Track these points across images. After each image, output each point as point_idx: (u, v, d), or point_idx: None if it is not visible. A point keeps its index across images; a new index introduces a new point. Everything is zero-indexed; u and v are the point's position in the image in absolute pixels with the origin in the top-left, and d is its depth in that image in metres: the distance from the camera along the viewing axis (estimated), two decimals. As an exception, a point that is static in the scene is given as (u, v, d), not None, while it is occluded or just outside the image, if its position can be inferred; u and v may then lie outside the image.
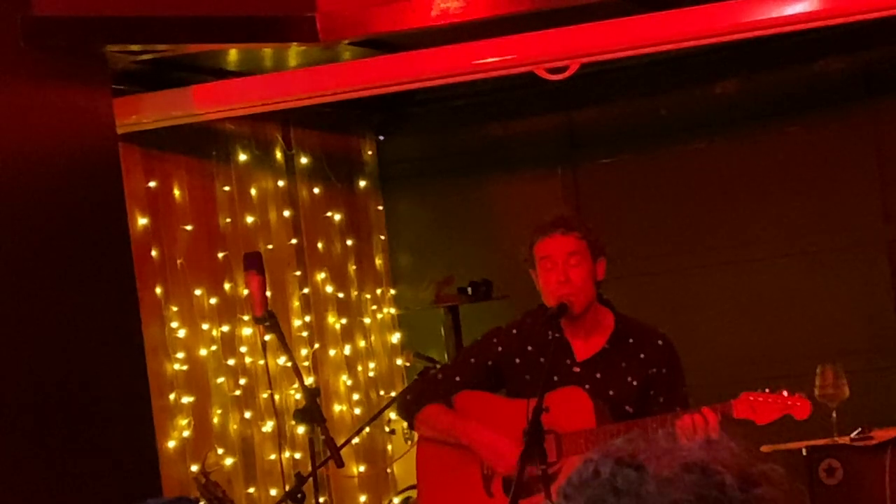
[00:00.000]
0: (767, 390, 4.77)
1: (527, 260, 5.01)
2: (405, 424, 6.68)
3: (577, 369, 5.00)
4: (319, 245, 7.37)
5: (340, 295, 7.43)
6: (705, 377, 6.42)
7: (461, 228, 7.79)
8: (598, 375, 4.98)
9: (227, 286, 6.68)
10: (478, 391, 5.14)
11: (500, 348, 5.12)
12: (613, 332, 5.02)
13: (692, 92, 7.40)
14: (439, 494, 5.20)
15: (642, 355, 4.99)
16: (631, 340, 5.02)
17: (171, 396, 6.29)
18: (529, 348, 5.05)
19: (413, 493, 6.43)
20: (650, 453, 1.48)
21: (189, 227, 6.55)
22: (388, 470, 7.47)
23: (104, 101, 5.47)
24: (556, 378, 4.92)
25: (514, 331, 5.13)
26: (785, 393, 4.77)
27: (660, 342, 5.03)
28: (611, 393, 4.96)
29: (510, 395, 5.11)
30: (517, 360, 5.07)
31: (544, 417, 4.66)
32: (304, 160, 7.34)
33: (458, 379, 5.15)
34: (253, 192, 7.00)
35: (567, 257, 4.90)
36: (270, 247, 6.97)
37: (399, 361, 7.73)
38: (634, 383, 4.97)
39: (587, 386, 4.95)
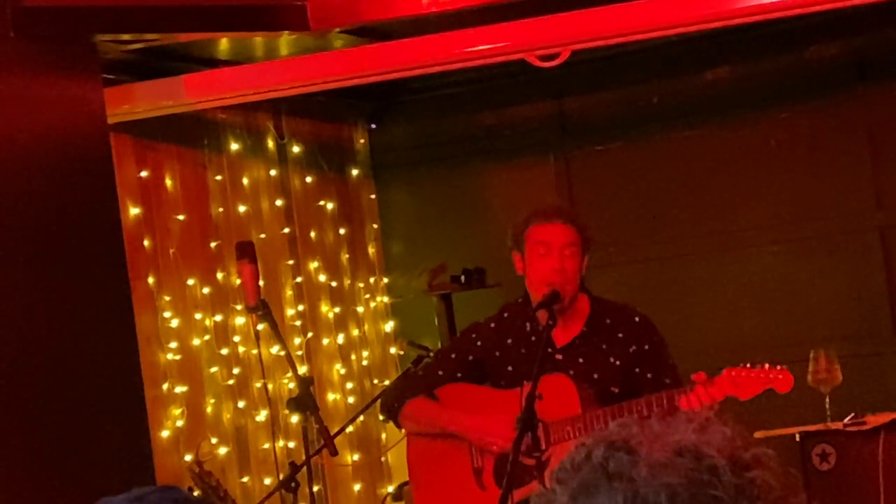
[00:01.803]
0: (749, 364, 4.77)
1: (515, 241, 4.99)
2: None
3: (558, 356, 5.00)
4: (312, 234, 7.36)
5: (333, 284, 7.43)
6: (697, 364, 6.41)
7: (454, 216, 7.79)
8: (581, 360, 4.98)
9: (219, 275, 6.68)
10: (463, 383, 5.13)
11: (479, 343, 5.12)
12: (590, 315, 5.02)
13: (684, 79, 7.39)
14: (432, 491, 5.20)
15: (621, 334, 4.99)
16: (608, 321, 5.02)
17: (165, 386, 6.29)
18: (509, 341, 5.05)
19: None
20: (643, 437, 1.48)
21: (181, 217, 6.55)
22: (382, 458, 7.47)
23: (95, 90, 5.46)
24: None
25: (493, 325, 5.13)
26: (766, 366, 4.77)
27: (637, 319, 5.04)
28: (595, 376, 4.95)
29: (494, 388, 5.11)
30: (497, 354, 5.07)
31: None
32: (296, 149, 7.33)
33: (440, 373, 5.15)
34: (245, 181, 6.99)
35: (564, 247, 4.90)
36: (263, 236, 6.97)
37: (392, 350, 7.73)
38: (617, 363, 4.97)
39: (571, 372, 4.94)
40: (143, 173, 6.39)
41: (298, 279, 7.19)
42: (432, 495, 5.19)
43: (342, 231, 7.58)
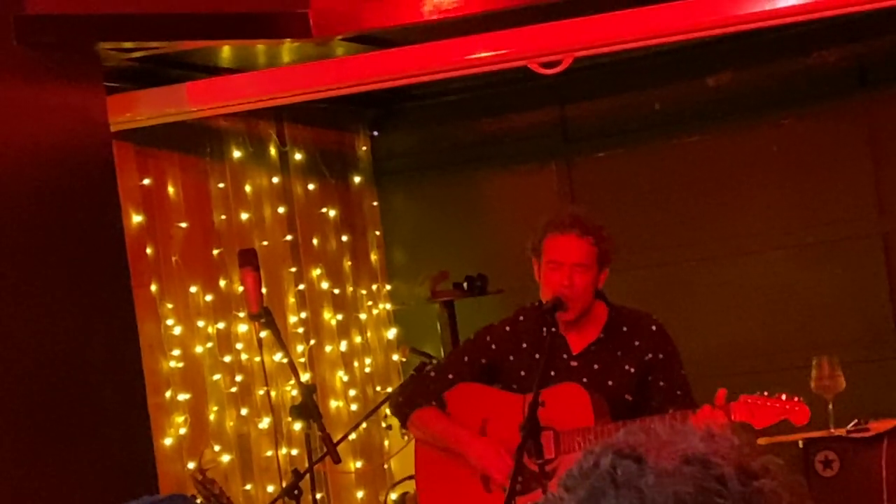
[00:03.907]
0: (766, 393, 4.75)
1: (534, 249, 4.99)
2: (400, 423, 6.68)
3: (573, 363, 5.00)
4: (314, 241, 7.37)
5: (336, 291, 7.43)
6: (701, 370, 6.41)
7: (456, 223, 7.79)
8: (596, 367, 4.98)
9: (222, 283, 6.68)
10: (474, 384, 5.13)
11: (493, 346, 5.11)
12: (607, 322, 5.03)
13: (686, 85, 7.40)
14: (438, 490, 5.20)
15: (637, 342, 5.00)
16: (625, 329, 5.03)
17: (168, 394, 6.29)
18: (524, 345, 5.05)
19: (409, 486, 6.43)
20: (650, 445, 1.48)
21: (184, 225, 6.55)
22: (385, 465, 7.47)
23: (98, 98, 5.46)
24: (552, 373, 4.91)
25: (507, 328, 5.12)
26: (783, 396, 4.75)
27: (653, 328, 5.04)
28: (609, 383, 4.96)
29: (503, 389, 5.11)
30: (511, 357, 5.07)
31: (543, 413, 4.65)
32: (298, 156, 7.33)
33: (451, 377, 5.14)
34: (247, 188, 6.99)
35: (574, 266, 4.90)
36: (265, 243, 6.97)
37: (395, 357, 7.73)
38: (632, 370, 4.97)
39: (585, 379, 4.95)
40: (146, 181, 6.39)
41: (301, 286, 7.19)
42: (438, 497, 5.20)
43: (344, 238, 7.58)
